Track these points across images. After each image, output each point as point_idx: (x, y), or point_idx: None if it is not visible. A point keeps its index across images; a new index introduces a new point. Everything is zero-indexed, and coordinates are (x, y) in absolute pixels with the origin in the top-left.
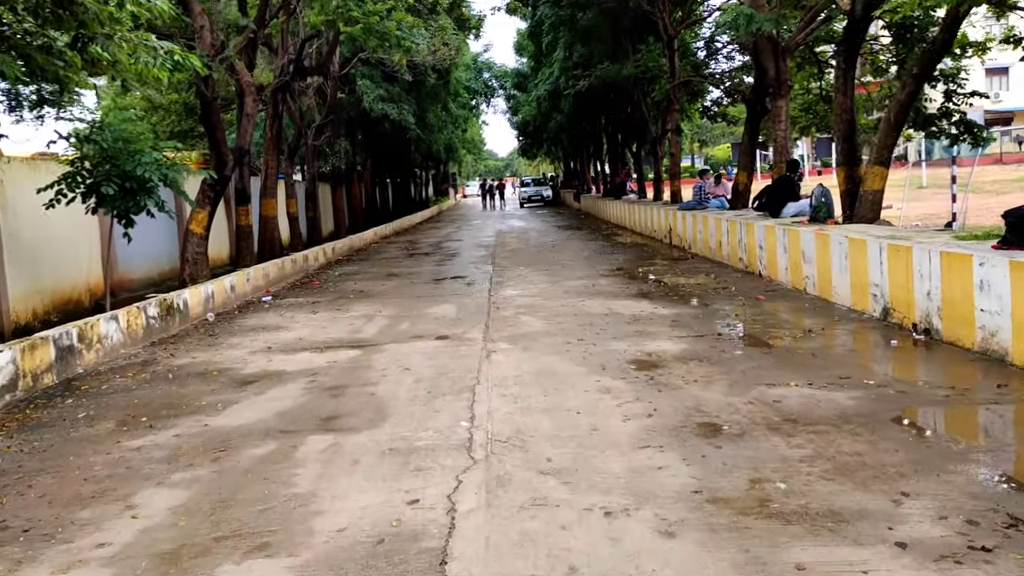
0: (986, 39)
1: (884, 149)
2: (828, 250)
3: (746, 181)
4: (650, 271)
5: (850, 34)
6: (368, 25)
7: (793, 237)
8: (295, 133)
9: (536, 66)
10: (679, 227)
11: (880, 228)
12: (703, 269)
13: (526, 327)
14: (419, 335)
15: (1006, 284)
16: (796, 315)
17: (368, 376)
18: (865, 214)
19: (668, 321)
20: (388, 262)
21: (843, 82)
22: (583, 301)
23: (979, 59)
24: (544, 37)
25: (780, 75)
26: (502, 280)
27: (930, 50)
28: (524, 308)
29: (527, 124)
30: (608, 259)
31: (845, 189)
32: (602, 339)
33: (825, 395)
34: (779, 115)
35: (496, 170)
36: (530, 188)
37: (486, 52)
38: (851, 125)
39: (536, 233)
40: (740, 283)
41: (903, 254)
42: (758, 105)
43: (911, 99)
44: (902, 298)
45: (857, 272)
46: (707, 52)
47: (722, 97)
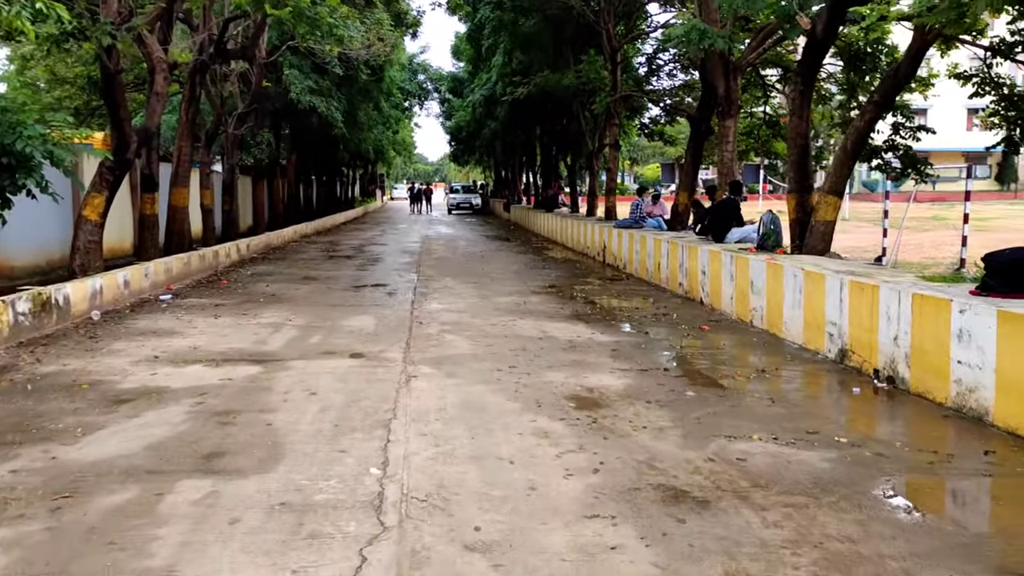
0: (930, 75)
1: (839, 178)
2: (780, 282)
3: (687, 202)
4: (585, 291)
5: (809, 55)
6: (298, 9)
7: (741, 265)
8: (214, 120)
9: (473, 71)
10: (614, 245)
11: (835, 261)
12: (640, 292)
13: (452, 348)
14: (331, 351)
15: (991, 336)
16: (745, 351)
17: (267, 401)
18: (816, 245)
19: (608, 350)
20: (306, 263)
21: (799, 104)
22: (515, 321)
23: (921, 95)
24: (484, 41)
25: (730, 94)
26: (427, 291)
27: (893, 77)
28: (450, 325)
29: (460, 129)
30: (540, 275)
31: (795, 218)
32: (536, 367)
33: (794, 454)
34: (727, 135)
35: (426, 174)
36: (459, 195)
37: (423, 54)
38: (804, 150)
39: (464, 242)
40: (681, 310)
41: (868, 293)
42: (703, 124)
43: (870, 127)
44: (863, 340)
45: (812, 308)
46: (649, 68)
47: (661, 115)
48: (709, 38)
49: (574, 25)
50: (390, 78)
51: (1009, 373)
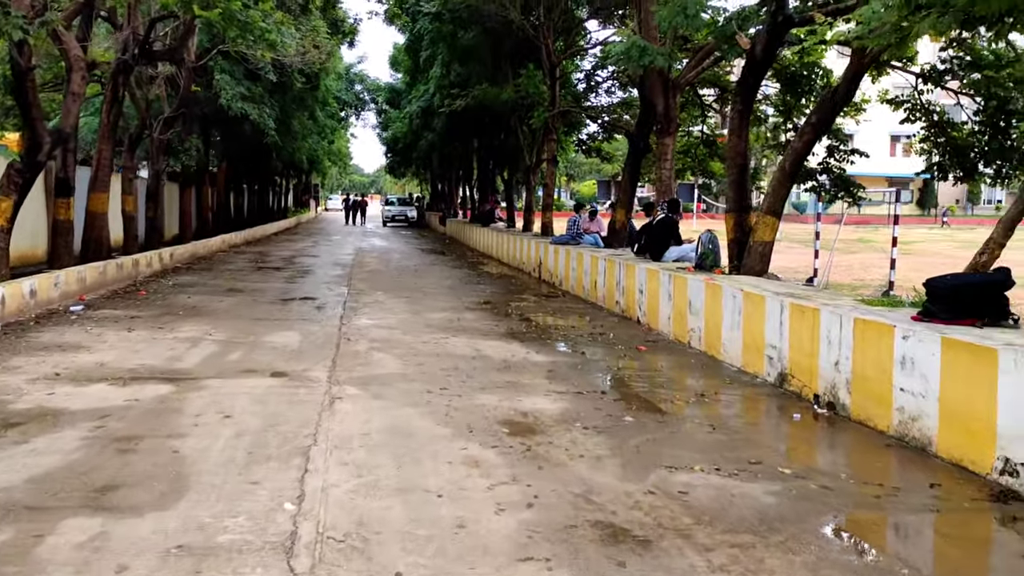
0: (862, 100)
1: (777, 199)
2: (719, 303)
3: (624, 220)
4: (520, 308)
5: (749, 75)
6: (229, 12)
7: (679, 285)
8: (139, 123)
9: (411, 82)
10: (550, 262)
11: (774, 283)
12: (576, 310)
13: (380, 367)
14: (252, 369)
15: (935, 364)
16: (683, 373)
17: (176, 424)
18: (754, 265)
19: (543, 370)
20: (232, 274)
21: (738, 124)
22: (447, 338)
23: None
24: (422, 52)
25: (669, 112)
26: (357, 306)
27: (830, 100)
28: (379, 342)
29: (397, 141)
30: (475, 290)
31: (734, 238)
32: (469, 389)
33: (737, 487)
34: (665, 153)
35: (361, 186)
36: (394, 207)
37: (360, 64)
38: (743, 170)
39: (398, 255)
40: (618, 329)
41: (808, 316)
42: (641, 142)
43: (808, 148)
44: (804, 365)
45: (752, 331)
46: (587, 85)
47: (598, 132)
48: (649, 55)
49: (513, 39)
50: (326, 87)
51: (953, 402)
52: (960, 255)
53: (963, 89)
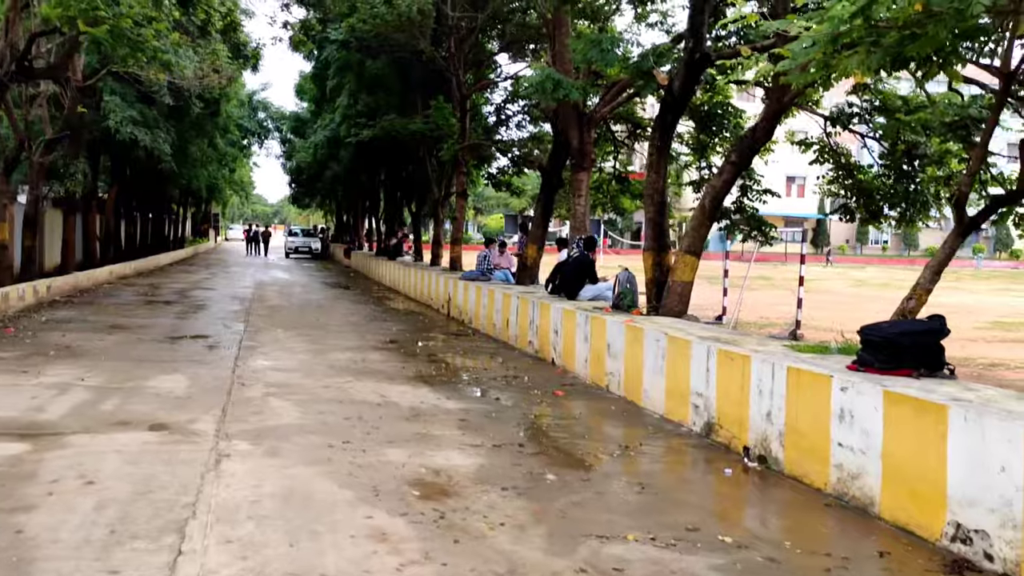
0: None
1: (697, 238)
2: (641, 346)
3: (536, 256)
4: (429, 347)
5: (667, 111)
6: (118, 29)
7: (597, 326)
8: (15, 145)
9: (317, 111)
10: (460, 298)
11: (699, 326)
12: (487, 350)
13: (276, 417)
14: (126, 421)
15: (877, 419)
16: (603, 421)
17: (23, 494)
18: (673, 306)
19: (456, 419)
20: (118, 309)
21: (656, 160)
22: (351, 383)
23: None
24: (329, 80)
25: (584, 147)
26: (254, 345)
27: (750, 138)
28: (277, 388)
29: (301, 171)
30: (381, 327)
31: (652, 277)
32: (375, 442)
33: (677, 560)
34: (579, 188)
35: (264, 216)
36: (298, 238)
37: (264, 91)
38: (662, 207)
39: (301, 288)
40: (532, 372)
41: (738, 364)
42: (554, 176)
43: (728, 187)
44: (732, 415)
45: (676, 377)
46: (497, 119)
47: (508, 166)
48: (564, 88)
49: (423, 70)
50: (227, 113)
51: (897, 461)
52: (854, 292)
53: (870, 133)
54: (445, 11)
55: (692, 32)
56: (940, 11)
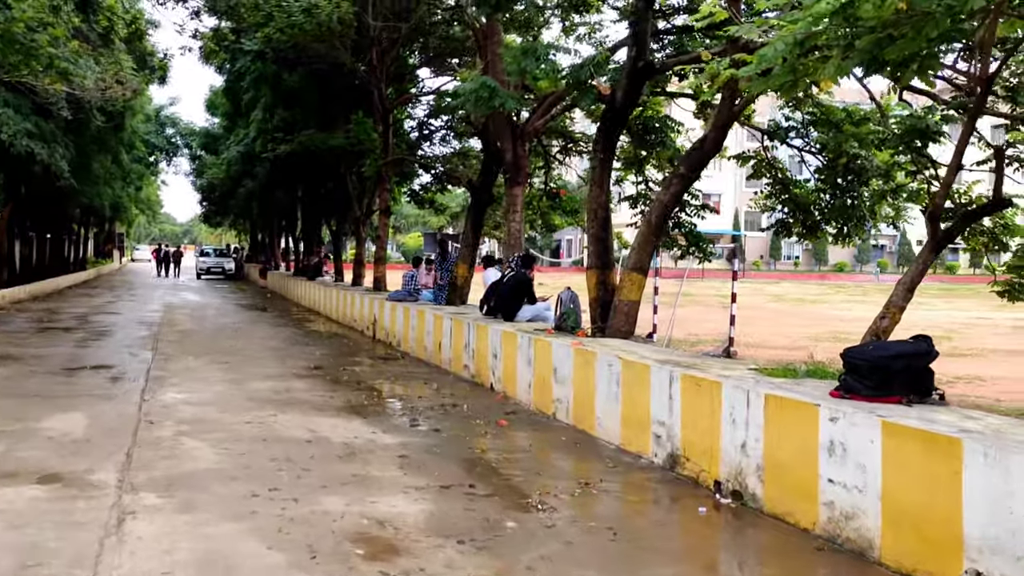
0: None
1: (643, 255)
2: (592, 371)
3: (466, 275)
4: (357, 373)
5: (609, 122)
6: (8, 34)
7: (542, 349)
8: None
9: (230, 126)
10: (387, 320)
11: (649, 347)
12: (420, 375)
13: (191, 461)
14: (12, 473)
15: (874, 452)
16: (557, 454)
17: None
18: (620, 327)
19: (395, 456)
20: (8, 337)
21: (599, 173)
22: (275, 416)
23: None
24: (243, 94)
25: (518, 160)
26: (164, 376)
27: (699, 150)
28: (191, 425)
29: (214, 188)
30: (303, 352)
31: (596, 296)
32: (307, 489)
33: None
34: (514, 204)
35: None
36: (210, 258)
37: (173, 106)
38: (606, 223)
39: (214, 311)
40: (471, 399)
41: (707, 391)
42: (484, 192)
43: (676, 200)
44: (700, 446)
45: (634, 404)
46: (420, 134)
47: (432, 182)
48: (499, 98)
49: (343, 83)
50: (132, 128)
51: (899, 499)
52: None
53: (807, 147)
54: (367, 21)
55: (635, 39)
56: (927, 10)
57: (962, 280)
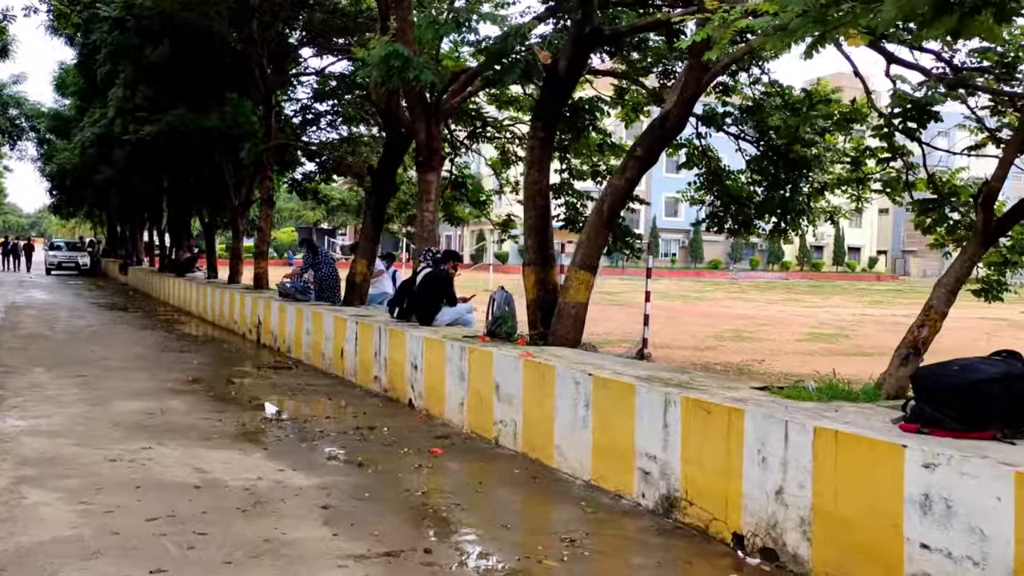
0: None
1: (593, 249)
2: (550, 389)
3: (365, 271)
4: (245, 387)
5: (551, 96)
6: None
7: (479, 361)
8: None
9: (83, 106)
10: (274, 322)
11: (625, 362)
12: (321, 388)
13: (36, 528)
14: None
15: (1002, 514)
16: (516, 495)
17: None
18: (566, 333)
19: (316, 506)
20: None
21: (539, 155)
22: (150, 450)
23: None
24: (99, 68)
25: (432, 142)
26: (2, 395)
27: (659, 128)
28: (37, 466)
29: (64, 175)
30: (177, 361)
31: (534, 297)
32: (204, 569)
33: None
34: (428, 191)
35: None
36: (62, 252)
37: (16, 84)
38: (545, 213)
39: (67, 311)
40: (389, 420)
41: (719, 420)
42: (387, 181)
43: (632, 186)
44: (710, 488)
45: (611, 432)
46: (303, 119)
47: (315, 172)
48: (414, 68)
49: (216, 61)
50: None
51: None
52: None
53: (745, 135)
54: None
55: (582, 2)
56: None
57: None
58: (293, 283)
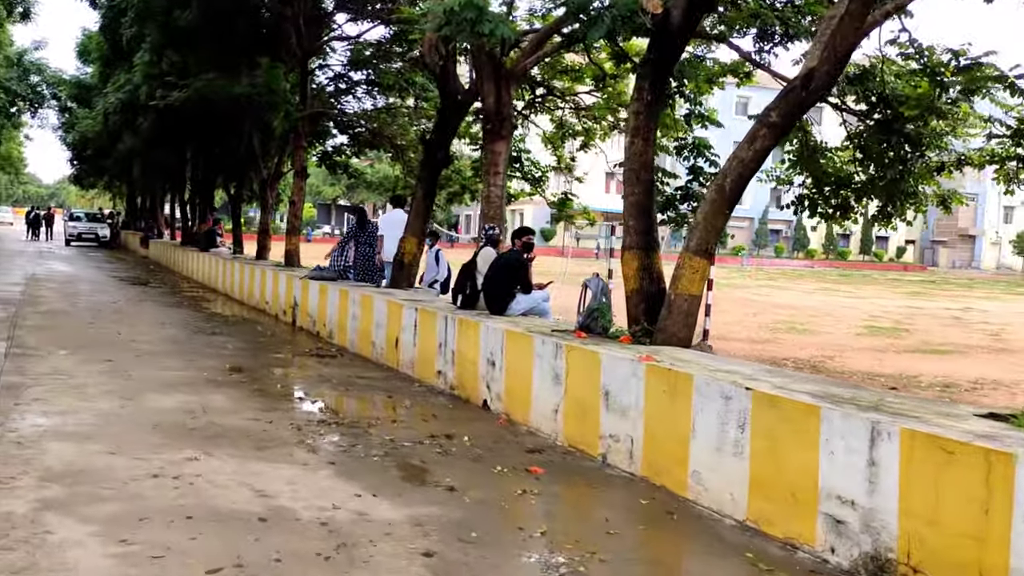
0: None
1: (711, 233)
2: (685, 404)
3: (414, 251)
4: (290, 378)
5: (662, 50)
6: None
7: (582, 362)
8: None
9: (107, 72)
10: (312, 304)
11: (790, 374)
12: (375, 382)
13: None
14: None
15: None
16: (660, 540)
17: None
18: (677, 330)
19: (414, 552)
20: None
21: (645, 121)
22: (199, 461)
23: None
24: (124, 31)
25: (501, 108)
26: (23, 383)
27: (801, 90)
28: (65, 484)
29: (86, 144)
30: (211, 345)
31: (636, 287)
32: None
33: None
34: (496, 162)
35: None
36: (81, 223)
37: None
38: (650, 188)
39: (89, 285)
40: (465, 425)
41: (970, 466)
42: (440, 150)
43: (761, 160)
44: (954, 556)
45: (779, 462)
46: (336, 88)
47: (348, 144)
48: (490, 22)
49: (247, 24)
50: None
51: None
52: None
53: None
54: None
55: None
56: None
57: (856, 266)
58: (323, 269)
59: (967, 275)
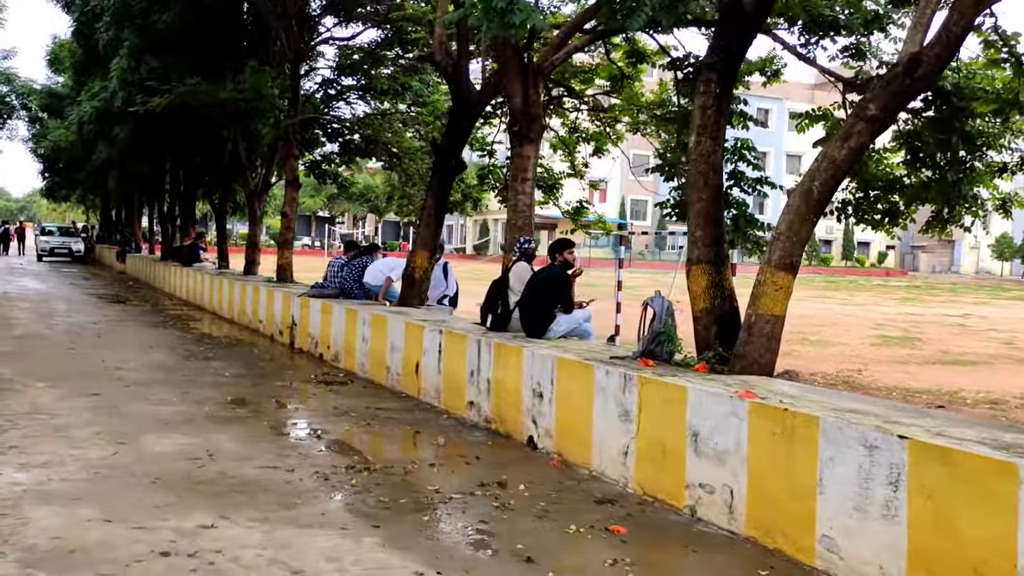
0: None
1: (796, 244)
2: (806, 450)
3: (425, 265)
4: (301, 411)
5: (731, 41)
6: None
7: (659, 396)
8: None
9: (81, 80)
10: (314, 324)
11: (892, 406)
12: (398, 414)
13: None
14: None
15: None
16: None
17: None
18: (759, 356)
19: None
20: None
21: (714, 117)
22: (215, 528)
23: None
24: (100, 35)
25: (530, 108)
26: None
27: (905, 78)
28: (49, 568)
29: (59, 155)
30: (207, 372)
31: (706, 307)
32: None
33: None
34: (524, 167)
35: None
36: (54, 238)
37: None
38: (718, 194)
39: (65, 305)
40: (517, 469)
41: None
42: (453, 157)
43: (854, 159)
44: None
45: (951, 530)
46: (326, 94)
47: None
48: (521, 12)
49: (231, 26)
50: None
51: None
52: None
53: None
54: None
55: None
56: None
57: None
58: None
59: (949, 280)
